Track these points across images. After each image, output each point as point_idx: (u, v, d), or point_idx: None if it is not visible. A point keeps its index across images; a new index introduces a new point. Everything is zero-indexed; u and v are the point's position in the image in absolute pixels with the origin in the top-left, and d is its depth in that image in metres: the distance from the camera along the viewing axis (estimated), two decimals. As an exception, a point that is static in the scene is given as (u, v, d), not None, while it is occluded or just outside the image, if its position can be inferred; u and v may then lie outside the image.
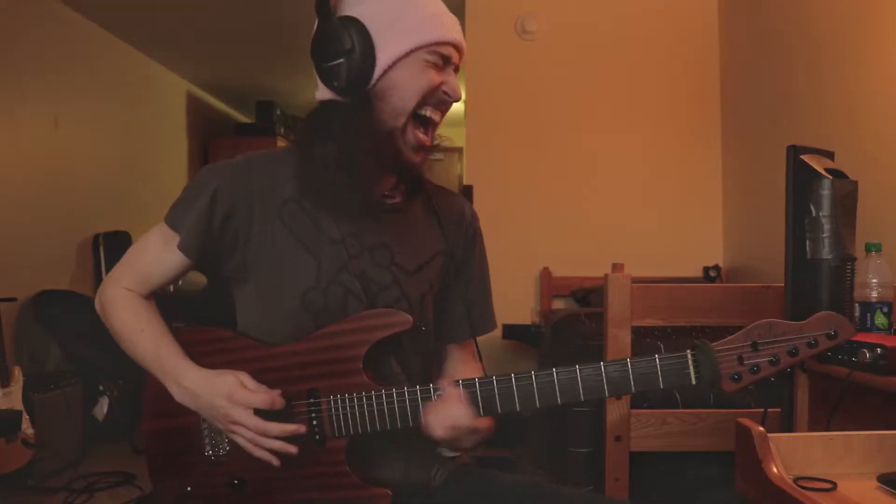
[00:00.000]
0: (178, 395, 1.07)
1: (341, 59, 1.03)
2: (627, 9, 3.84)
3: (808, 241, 1.50)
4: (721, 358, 0.89)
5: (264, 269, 1.09)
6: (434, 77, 1.07)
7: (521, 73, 3.83)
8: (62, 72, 3.89)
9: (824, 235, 1.52)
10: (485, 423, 1.01)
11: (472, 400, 0.98)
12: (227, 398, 1.00)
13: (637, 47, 3.83)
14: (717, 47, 3.82)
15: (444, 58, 1.07)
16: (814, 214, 1.51)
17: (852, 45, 2.55)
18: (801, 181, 1.52)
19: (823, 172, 1.52)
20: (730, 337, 0.90)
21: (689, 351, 0.90)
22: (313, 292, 1.06)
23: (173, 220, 1.10)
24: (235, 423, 1.01)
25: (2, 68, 3.40)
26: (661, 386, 0.90)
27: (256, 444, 1.01)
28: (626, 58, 3.83)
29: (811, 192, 1.51)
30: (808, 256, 1.51)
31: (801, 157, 1.53)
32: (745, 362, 0.88)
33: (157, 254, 1.12)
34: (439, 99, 1.09)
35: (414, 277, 1.12)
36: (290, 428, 1.00)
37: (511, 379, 0.97)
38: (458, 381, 0.99)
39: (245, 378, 1.03)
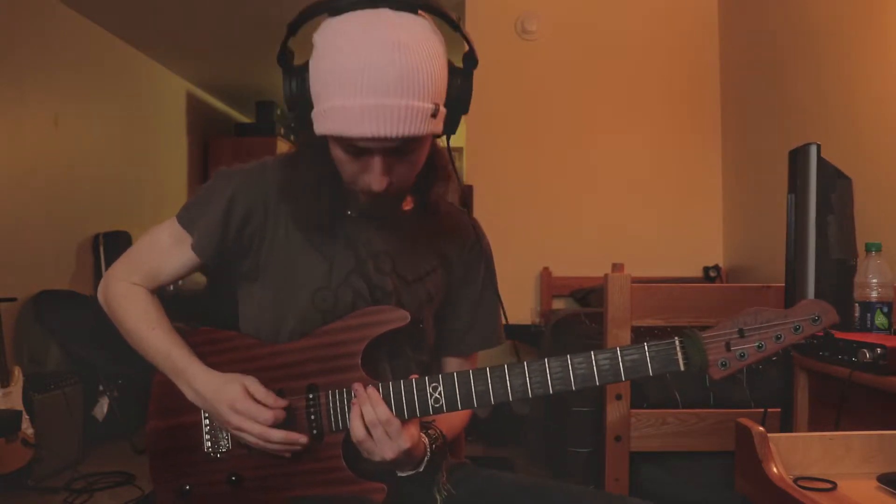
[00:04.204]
0: (190, 396, 1.09)
1: (290, 106, 0.98)
2: (627, 9, 3.84)
3: (829, 240, 1.51)
4: (709, 345, 0.90)
5: (276, 269, 1.10)
6: (352, 166, 0.97)
7: (521, 73, 3.82)
8: (62, 72, 3.89)
9: (841, 234, 1.53)
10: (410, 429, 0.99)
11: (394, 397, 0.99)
12: (231, 407, 1.03)
13: (637, 47, 3.83)
14: (717, 47, 3.82)
15: (358, 149, 0.94)
16: (835, 214, 1.52)
17: (852, 45, 2.55)
18: (820, 181, 1.52)
19: (844, 172, 1.53)
20: (717, 324, 0.92)
21: (677, 338, 0.91)
22: (324, 291, 1.08)
23: (186, 221, 1.12)
24: (239, 429, 1.04)
25: (2, 68, 3.40)
26: (651, 373, 0.91)
27: (261, 446, 1.04)
28: (627, 58, 3.83)
29: (832, 192, 1.52)
30: (833, 256, 1.51)
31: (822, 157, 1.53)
32: (733, 348, 0.89)
33: (168, 251, 1.13)
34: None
35: (412, 287, 1.13)
36: (292, 437, 1.02)
37: (504, 369, 0.97)
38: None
39: (252, 385, 1.04)
